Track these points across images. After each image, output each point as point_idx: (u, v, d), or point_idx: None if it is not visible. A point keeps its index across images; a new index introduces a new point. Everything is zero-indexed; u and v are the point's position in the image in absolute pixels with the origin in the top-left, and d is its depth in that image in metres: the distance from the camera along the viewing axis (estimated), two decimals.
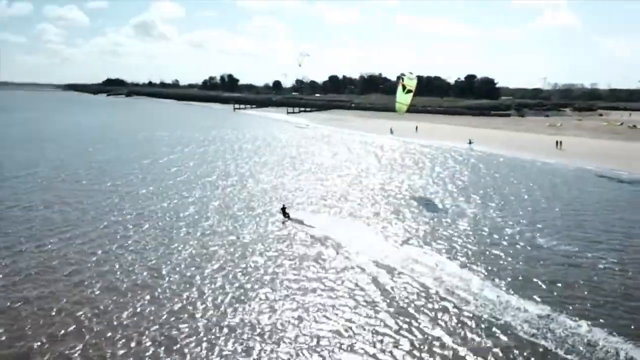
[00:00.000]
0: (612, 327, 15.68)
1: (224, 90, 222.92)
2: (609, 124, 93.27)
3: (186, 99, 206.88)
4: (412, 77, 36.94)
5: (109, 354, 14.04)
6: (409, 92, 36.42)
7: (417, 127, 79.66)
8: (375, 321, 16.09)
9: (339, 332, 15.38)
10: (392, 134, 76.21)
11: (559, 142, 60.79)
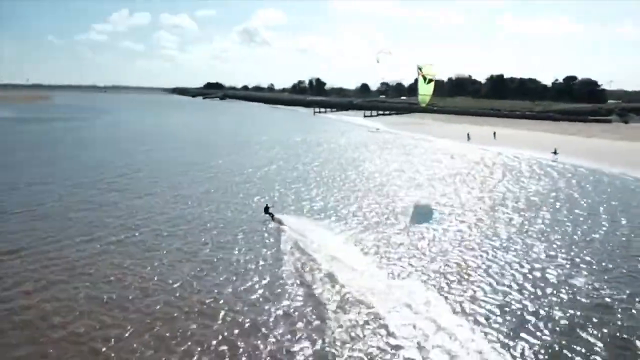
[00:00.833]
0: None
1: (312, 93, 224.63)
2: None
3: (273, 102, 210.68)
4: (430, 65, 34.81)
5: None
6: (430, 81, 34.47)
7: (494, 134, 70.77)
8: None
9: None
10: (469, 140, 68.48)
11: None
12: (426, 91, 35.04)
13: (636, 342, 14.42)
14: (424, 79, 34.23)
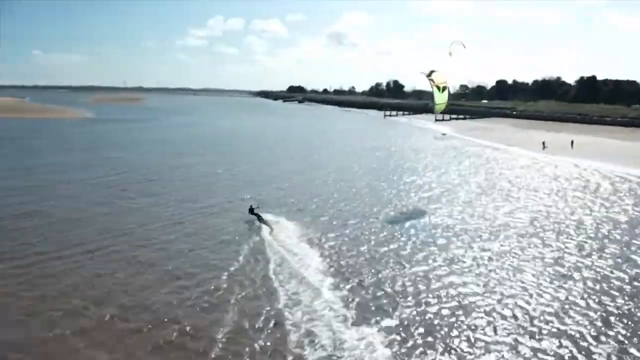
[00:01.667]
0: None
1: (389, 96, 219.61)
2: None
3: (347, 105, 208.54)
4: (436, 70, 33.30)
5: None
6: (445, 89, 33.82)
7: (572, 142, 62.70)
8: None
9: None
10: (544, 149, 61.44)
11: None
12: (442, 99, 34.06)
13: None
14: (438, 88, 33.30)
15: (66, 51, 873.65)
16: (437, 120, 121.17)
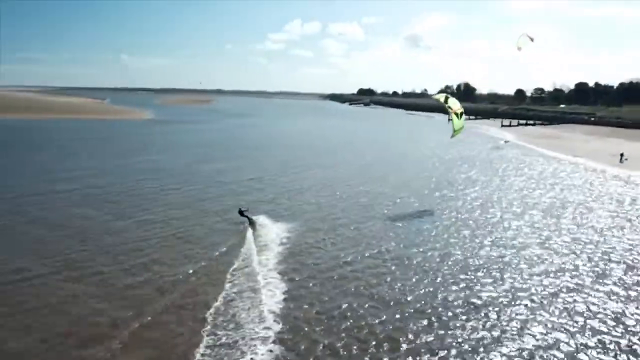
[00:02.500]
0: None
1: (459, 99, 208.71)
2: None
3: (412, 108, 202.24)
4: (449, 97, 33.97)
5: None
6: (462, 114, 33.60)
7: None
8: None
9: None
10: (622, 162, 53.38)
11: None
12: (459, 125, 33.84)
13: None
14: (457, 114, 33.15)
15: (151, 55, 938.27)
16: (503, 125, 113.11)
